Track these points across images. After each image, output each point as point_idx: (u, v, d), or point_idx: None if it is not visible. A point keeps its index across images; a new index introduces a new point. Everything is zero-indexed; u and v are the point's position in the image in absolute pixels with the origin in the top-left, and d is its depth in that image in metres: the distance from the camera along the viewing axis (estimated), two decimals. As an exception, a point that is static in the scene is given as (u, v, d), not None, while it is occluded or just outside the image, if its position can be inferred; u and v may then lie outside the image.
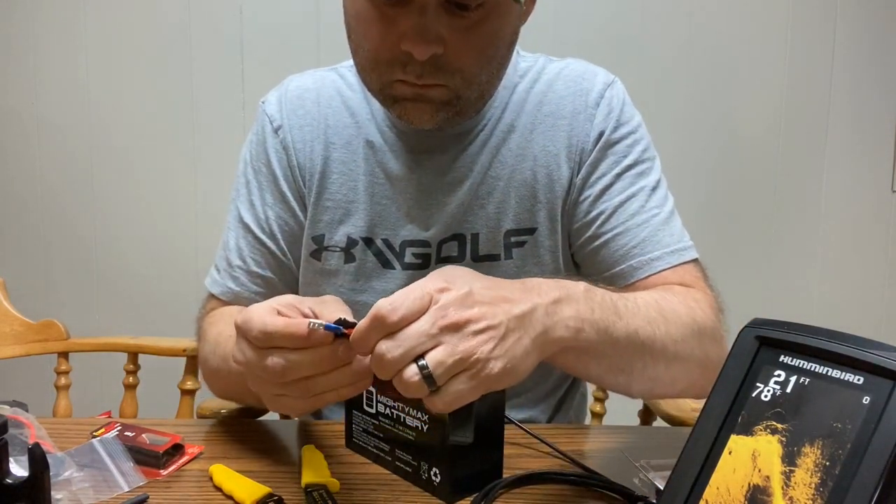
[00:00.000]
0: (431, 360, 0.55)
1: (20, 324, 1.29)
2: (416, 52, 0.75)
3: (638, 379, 0.75)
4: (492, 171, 0.91)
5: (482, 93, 0.83)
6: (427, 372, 0.55)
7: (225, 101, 2.04)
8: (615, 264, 0.88)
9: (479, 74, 0.79)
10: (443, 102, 0.80)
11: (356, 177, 0.92)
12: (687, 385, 0.79)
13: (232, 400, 0.96)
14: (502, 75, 0.86)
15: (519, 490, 0.70)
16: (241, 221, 0.96)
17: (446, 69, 0.77)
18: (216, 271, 0.98)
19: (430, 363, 0.55)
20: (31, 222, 2.10)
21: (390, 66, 0.78)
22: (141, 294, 2.07)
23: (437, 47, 0.75)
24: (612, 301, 0.70)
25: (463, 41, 0.76)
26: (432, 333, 0.56)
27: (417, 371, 0.55)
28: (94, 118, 2.07)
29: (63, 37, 2.04)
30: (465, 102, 0.81)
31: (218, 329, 0.88)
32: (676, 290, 0.83)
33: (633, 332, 0.70)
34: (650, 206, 0.88)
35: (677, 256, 0.87)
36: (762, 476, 0.51)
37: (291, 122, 0.94)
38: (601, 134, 0.90)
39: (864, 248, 2.15)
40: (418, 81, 0.78)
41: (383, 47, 0.78)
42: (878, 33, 2.07)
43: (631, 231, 0.87)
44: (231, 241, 0.97)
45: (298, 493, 0.69)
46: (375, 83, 0.82)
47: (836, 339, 0.51)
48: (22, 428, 0.75)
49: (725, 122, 2.09)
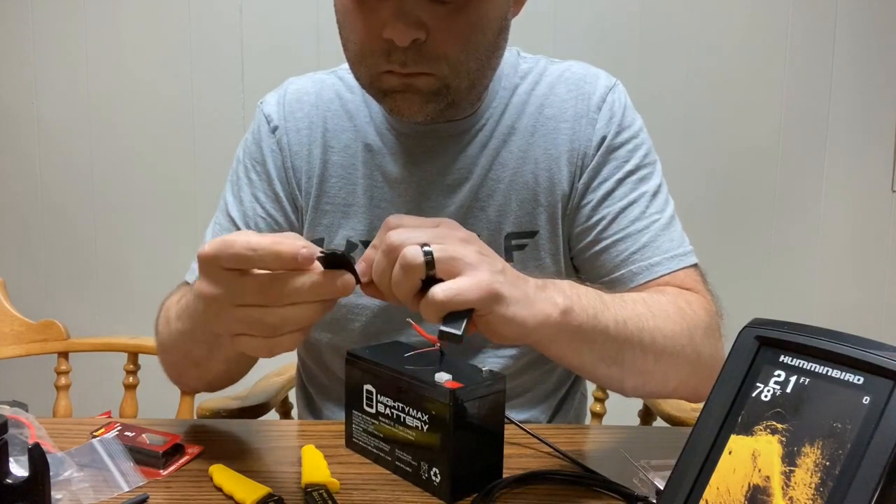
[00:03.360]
0: (436, 247, 0.60)
1: (20, 324, 1.29)
2: (396, 38, 0.75)
3: (630, 372, 0.76)
4: (492, 174, 0.90)
5: (472, 82, 0.82)
6: (430, 257, 0.59)
7: (225, 101, 2.04)
8: (615, 269, 0.88)
9: (465, 62, 0.79)
10: (431, 93, 0.79)
11: (355, 180, 0.92)
12: (679, 383, 0.80)
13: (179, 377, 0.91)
14: (495, 65, 0.85)
15: (519, 490, 0.70)
16: (228, 216, 0.96)
17: (430, 56, 0.77)
18: (195, 263, 0.96)
19: (434, 249, 0.60)
20: (31, 222, 2.10)
21: (376, 56, 0.78)
22: (141, 294, 2.07)
23: (417, 32, 0.75)
24: (598, 293, 0.73)
25: (445, 27, 0.76)
26: (440, 234, 0.62)
27: (420, 252, 0.60)
28: (94, 118, 2.07)
29: (63, 37, 2.05)
30: (456, 92, 0.81)
31: (179, 296, 0.87)
32: (668, 291, 0.84)
33: (621, 321, 0.73)
34: (651, 212, 0.89)
35: (677, 262, 0.87)
36: (762, 476, 0.51)
37: (289, 124, 0.94)
38: (603, 139, 0.90)
39: (864, 248, 2.15)
40: (403, 70, 0.78)
41: (368, 38, 0.78)
42: (878, 33, 2.07)
43: (632, 237, 0.88)
44: (215, 234, 0.95)
45: (298, 493, 0.69)
46: (365, 76, 0.82)
47: (836, 339, 0.51)
48: (22, 428, 0.75)
49: (726, 123, 2.09)
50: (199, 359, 0.82)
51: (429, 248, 0.60)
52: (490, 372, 0.71)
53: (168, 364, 0.90)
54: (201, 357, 0.81)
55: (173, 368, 0.90)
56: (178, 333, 0.81)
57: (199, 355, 0.81)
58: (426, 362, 0.73)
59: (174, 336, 0.82)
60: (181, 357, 0.84)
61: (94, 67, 2.05)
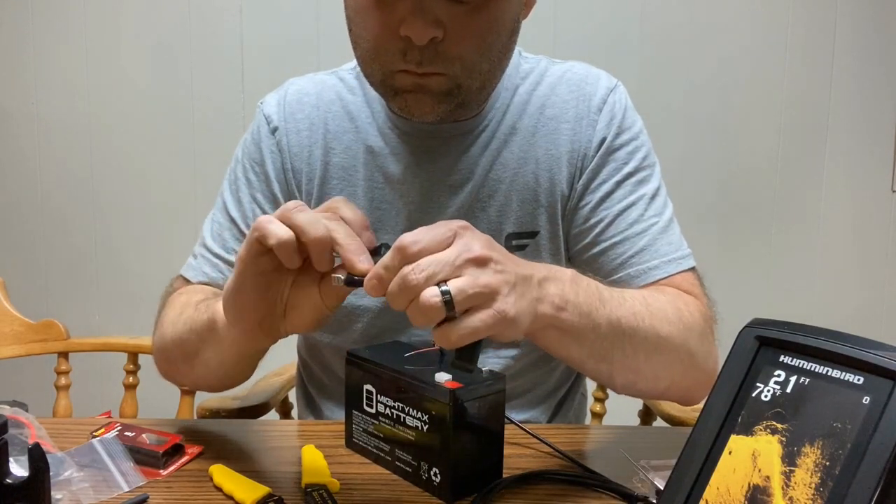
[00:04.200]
0: (454, 286, 0.57)
1: (20, 324, 1.29)
2: (414, 36, 0.75)
3: (619, 369, 0.76)
4: (493, 174, 0.90)
5: (483, 83, 0.82)
6: (448, 297, 0.57)
7: (225, 101, 2.04)
8: (613, 272, 0.88)
9: (479, 63, 0.79)
10: (443, 93, 0.79)
11: (355, 182, 0.92)
12: (670, 383, 0.80)
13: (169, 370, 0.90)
14: (504, 67, 0.85)
15: (519, 490, 0.70)
16: (227, 214, 0.95)
17: (446, 56, 0.77)
18: (192, 258, 0.96)
19: (452, 289, 0.57)
20: (31, 222, 2.10)
21: (391, 54, 0.78)
22: (141, 294, 2.07)
23: (435, 30, 0.75)
24: (598, 289, 0.73)
25: (462, 27, 0.76)
26: (456, 264, 0.59)
27: (439, 294, 0.57)
28: (94, 118, 2.07)
29: (63, 37, 2.05)
30: (467, 93, 0.81)
31: (186, 297, 0.87)
32: (668, 291, 0.84)
33: (615, 320, 0.72)
34: (649, 215, 0.89)
35: (675, 265, 0.87)
36: (762, 476, 0.51)
37: (289, 125, 0.94)
38: (603, 140, 0.90)
39: (864, 248, 2.15)
40: (418, 70, 0.77)
41: (383, 35, 0.77)
42: (878, 33, 2.07)
43: (630, 240, 0.88)
44: (214, 231, 0.96)
45: (298, 493, 0.69)
46: (377, 75, 0.81)
47: (836, 339, 0.51)
48: (22, 428, 0.75)
49: (726, 123, 2.09)
50: (191, 351, 0.81)
51: (446, 287, 0.57)
52: (490, 372, 0.71)
53: (161, 356, 0.89)
54: (192, 350, 0.81)
55: (164, 361, 0.89)
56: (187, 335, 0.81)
57: (191, 348, 0.81)
58: (426, 362, 0.73)
59: (183, 339, 0.82)
60: (175, 349, 0.84)
61: (94, 67, 2.05)
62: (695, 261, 0.90)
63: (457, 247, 0.60)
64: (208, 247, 0.95)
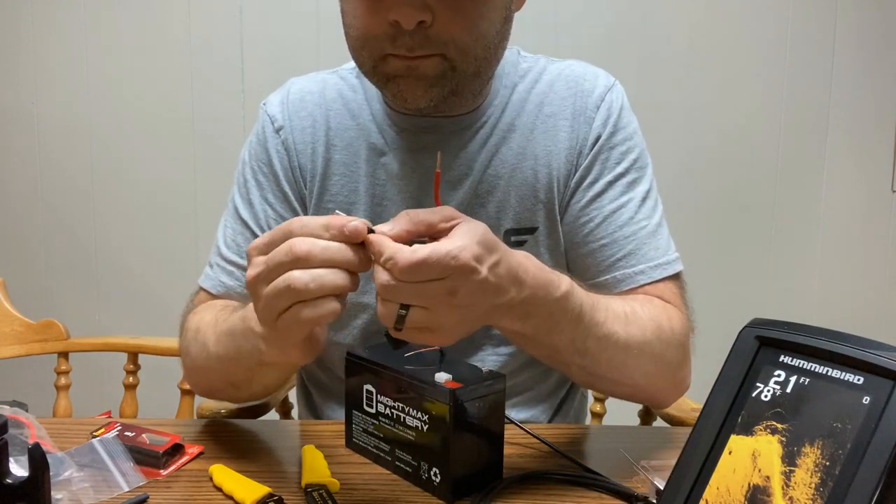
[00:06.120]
0: (410, 318, 0.62)
1: (20, 324, 1.29)
2: (402, 19, 0.75)
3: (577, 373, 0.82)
4: (491, 170, 0.91)
5: (478, 69, 0.82)
6: (403, 320, 0.62)
7: (225, 101, 2.04)
8: (600, 274, 0.89)
9: (473, 47, 0.79)
10: (436, 76, 0.79)
11: (357, 178, 0.92)
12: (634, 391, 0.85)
13: (211, 394, 0.94)
14: (499, 57, 0.85)
15: (519, 490, 0.70)
16: (240, 219, 0.96)
17: (437, 39, 0.77)
18: (209, 268, 0.97)
19: (408, 319, 0.62)
20: (32, 222, 2.10)
21: (380, 40, 0.78)
22: (141, 294, 2.07)
23: (423, 14, 0.75)
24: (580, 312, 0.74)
25: (451, 11, 0.76)
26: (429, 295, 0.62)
27: (395, 315, 0.62)
28: (94, 118, 2.07)
29: (63, 37, 2.05)
30: (461, 77, 0.80)
31: (199, 317, 0.87)
32: (655, 303, 0.86)
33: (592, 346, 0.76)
34: (638, 218, 0.90)
35: (660, 271, 0.88)
36: (762, 476, 0.51)
37: (293, 123, 0.94)
38: (598, 138, 0.90)
39: (864, 248, 2.15)
40: (409, 54, 0.78)
41: (372, 22, 0.78)
42: (878, 33, 2.07)
43: (618, 243, 0.89)
44: (227, 237, 0.96)
45: (298, 493, 0.69)
46: (367, 61, 0.82)
47: (836, 339, 0.51)
48: (22, 428, 0.75)
49: (726, 122, 2.09)
50: (239, 382, 0.83)
51: (404, 313, 0.62)
52: (490, 372, 0.71)
53: (201, 383, 0.91)
54: (241, 380, 0.83)
55: (206, 387, 0.91)
56: (218, 358, 0.81)
57: (239, 378, 0.82)
58: (426, 362, 0.73)
59: (213, 361, 0.83)
60: (218, 379, 0.85)
61: (94, 67, 2.05)
62: (682, 264, 0.91)
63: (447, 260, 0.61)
64: (223, 255, 0.95)
